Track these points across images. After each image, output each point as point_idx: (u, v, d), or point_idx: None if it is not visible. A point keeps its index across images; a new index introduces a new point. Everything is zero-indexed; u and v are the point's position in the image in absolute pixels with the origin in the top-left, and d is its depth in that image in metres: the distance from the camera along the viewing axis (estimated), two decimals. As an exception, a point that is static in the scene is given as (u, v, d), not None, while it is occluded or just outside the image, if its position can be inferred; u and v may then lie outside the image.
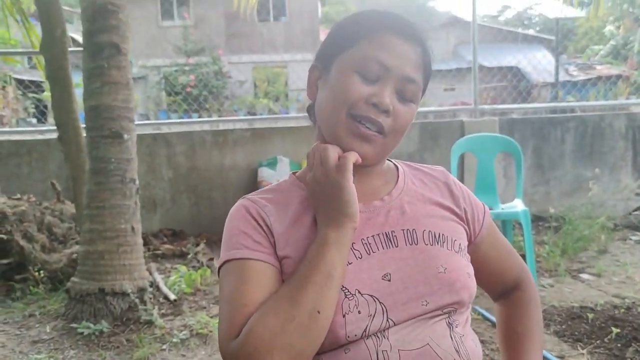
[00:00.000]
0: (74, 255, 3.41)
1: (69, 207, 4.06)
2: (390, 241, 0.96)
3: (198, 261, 3.99)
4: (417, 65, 0.95)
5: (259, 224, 0.95)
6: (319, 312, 0.83)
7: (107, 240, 2.94)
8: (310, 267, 0.87)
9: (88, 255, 2.96)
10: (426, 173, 1.11)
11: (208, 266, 3.77)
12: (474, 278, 0.99)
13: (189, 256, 4.04)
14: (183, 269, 3.50)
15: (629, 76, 13.20)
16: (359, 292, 0.89)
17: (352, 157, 0.93)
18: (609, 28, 20.73)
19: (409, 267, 0.93)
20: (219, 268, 0.95)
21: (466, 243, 1.04)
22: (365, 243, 0.95)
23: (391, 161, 1.10)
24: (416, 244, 0.96)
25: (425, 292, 0.91)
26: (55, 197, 4.14)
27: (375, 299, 0.89)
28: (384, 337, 0.88)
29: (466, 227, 1.06)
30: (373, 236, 0.96)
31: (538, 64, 11.10)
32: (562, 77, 14.43)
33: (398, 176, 1.07)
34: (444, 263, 0.94)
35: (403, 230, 0.97)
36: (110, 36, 2.99)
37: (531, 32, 23.70)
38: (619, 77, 13.41)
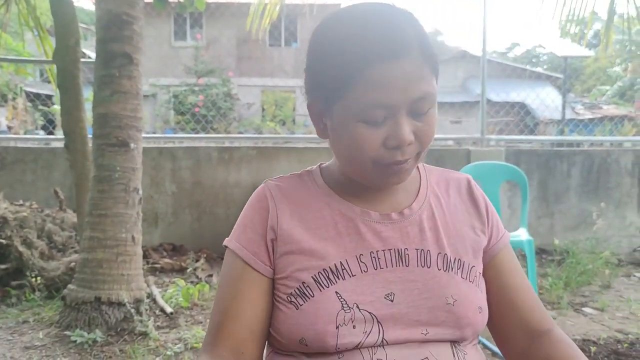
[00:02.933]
0: (72, 264, 3.38)
1: (71, 216, 4.05)
2: (401, 259, 0.90)
3: (197, 277, 3.96)
4: (420, 72, 0.83)
5: (265, 225, 0.94)
6: None
7: (106, 249, 2.92)
8: None
9: (86, 263, 2.93)
10: (451, 180, 1.04)
11: (206, 282, 3.74)
12: (486, 312, 0.92)
13: (188, 271, 4.01)
14: (181, 283, 3.47)
15: (635, 117, 13.25)
16: (358, 306, 0.85)
17: None
18: (616, 69, 20.91)
19: (417, 290, 0.88)
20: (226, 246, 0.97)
21: (482, 268, 0.96)
22: (374, 257, 0.90)
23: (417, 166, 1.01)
24: (428, 267, 0.90)
25: (427, 321, 0.87)
26: (57, 205, 4.13)
27: (374, 317, 0.85)
28: (379, 347, 0.85)
29: (487, 240, 0.99)
30: (384, 251, 0.91)
31: (546, 98, 11.16)
32: (569, 115, 14.49)
33: (420, 185, 1.00)
34: (455, 293, 0.88)
35: (417, 250, 0.92)
36: (123, 46, 3.01)
37: (539, 69, 23.90)
38: (624, 117, 13.48)
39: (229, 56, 19.02)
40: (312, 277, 0.88)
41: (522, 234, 3.33)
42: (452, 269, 0.92)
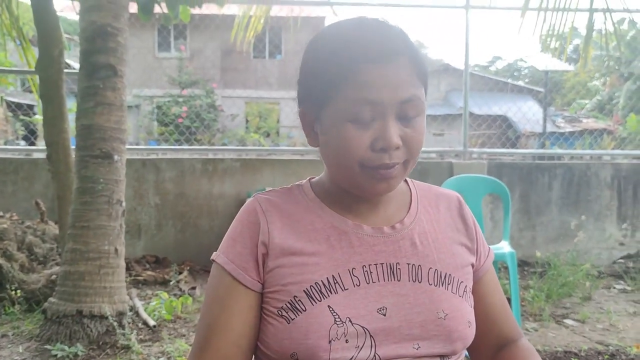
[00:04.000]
0: (53, 276, 3.34)
1: (52, 228, 4.00)
2: (393, 274, 0.91)
3: (180, 289, 3.93)
4: (409, 77, 0.86)
5: (255, 240, 0.92)
6: None
7: (89, 261, 2.89)
8: None
9: (68, 275, 2.90)
10: (441, 197, 1.04)
11: (190, 294, 3.71)
12: (474, 326, 0.94)
13: (171, 283, 3.98)
14: (164, 295, 3.44)
15: (614, 130, 13.48)
16: (350, 320, 0.85)
17: None
18: (595, 83, 21.28)
19: (408, 305, 0.88)
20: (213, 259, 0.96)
21: (472, 284, 0.99)
22: (367, 271, 0.90)
23: (406, 181, 1.05)
24: (419, 282, 0.91)
25: (419, 335, 0.87)
26: (38, 217, 4.08)
27: (366, 331, 0.85)
28: None
29: (475, 261, 1.01)
30: (376, 265, 0.91)
31: (527, 112, 11.33)
32: (550, 128, 14.69)
33: (411, 200, 1.01)
34: (446, 308, 0.89)
35: (409, 264, 0.92)
36: (108, 57, 3.01)
37: (520, 83, 24.23)
38: (604, 130, 13.70)
39: (213, 68, 19.01)
40: (304, 290, 0.87)
41: (504, 247, 3.36)
42: (442, 284, 0.92)
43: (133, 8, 3.52)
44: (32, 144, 7.52)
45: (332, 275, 0.89)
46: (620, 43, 4.96)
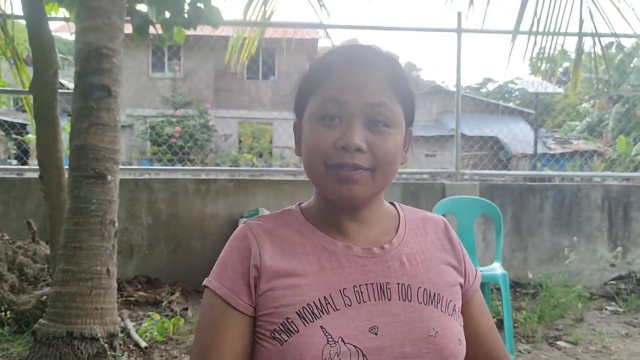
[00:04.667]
0: (44, 297, 3.31)
1: (44, 248, 3.98)
2: (384, 293, 0.92)
3: (172, 310, 3.90)
4: (380, 88, 0.92)
5: (246, 264, 0.93)
6: None
7: (80, 282, 2.87)
8: None
9: (59, 296, 2.88)
10: (428, 220, 1.08)
11: (182, 316, 3.68)
12: (464, 345, 0.95)
13: (163, 304, 3.95)
14: (156, 316, 3.42)
15: (604, 152, 13.61)
16: (343, 340, 0.86)
17: None
18: (584, 105, 21.53)
19: (399, 323, 0.90)
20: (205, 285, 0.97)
21: (461, 303, 1.01)
22: (357, 291, 0.91)
23: (394, 205, 1.08)
24: (409, 301, 0.93)
25: (411, 353, 0.88)
26: (30, 237, 4.06)
27: (359, 350, 0.86)
28: None
29: (463, 281, 1.03)
30: (366, 285, 0.92)
31: (518, 133, 11.44)
32: (540, 149, 14.82)
33: (399, 223, 1.03)
34: (436, 326, 0.91)
35: (398, 284, 0.94)
36: (102, 79, 3.02)
37: (511, 105, 24.46)
38: (594, 152, 13.83)
39: (206, 88, 19.09)
40: (296, 312, 0.88)
41: (496, 268, 3.38)
42: (431, 302, 0.94)
43: (128, 29, 3.56)
44: (25, 163, 7.50)
45: (324, 296, 0.90)
46: (609, 66, 5.03)
